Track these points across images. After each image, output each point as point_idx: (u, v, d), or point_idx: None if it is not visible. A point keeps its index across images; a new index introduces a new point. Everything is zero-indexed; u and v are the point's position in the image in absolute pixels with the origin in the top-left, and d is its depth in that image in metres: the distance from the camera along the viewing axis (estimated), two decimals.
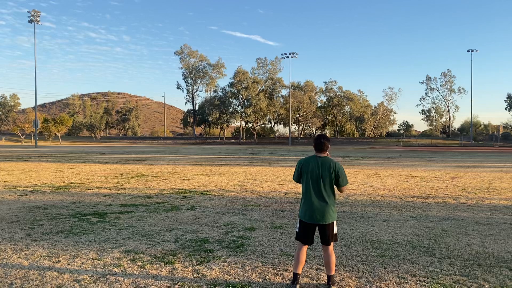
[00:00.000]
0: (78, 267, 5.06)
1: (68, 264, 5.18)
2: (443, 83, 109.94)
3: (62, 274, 4.79)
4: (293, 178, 4.70)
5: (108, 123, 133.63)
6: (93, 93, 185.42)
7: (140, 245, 6.06)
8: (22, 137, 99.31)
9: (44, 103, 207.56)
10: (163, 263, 5.19)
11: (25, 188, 12.67)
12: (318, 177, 4.39)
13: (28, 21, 66.67)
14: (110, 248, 5.89)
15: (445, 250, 5.84)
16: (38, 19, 66.78)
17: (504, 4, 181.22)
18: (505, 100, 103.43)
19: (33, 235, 6.65)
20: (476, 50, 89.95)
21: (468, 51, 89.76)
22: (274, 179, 15.47)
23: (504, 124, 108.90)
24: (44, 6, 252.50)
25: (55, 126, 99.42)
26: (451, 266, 5.15)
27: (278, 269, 5.02)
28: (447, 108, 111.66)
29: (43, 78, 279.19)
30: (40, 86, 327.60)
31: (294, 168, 4.64)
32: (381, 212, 8.83)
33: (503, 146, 73.60)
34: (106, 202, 10.11)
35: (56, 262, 5.23)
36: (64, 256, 5.48)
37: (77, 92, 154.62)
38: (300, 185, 4.59)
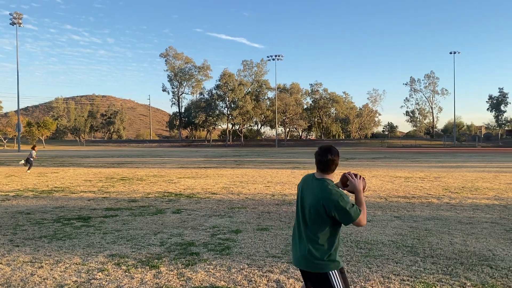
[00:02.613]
0: (61, 272, 5.00)
1: (51, 269, 5.11)
2: (427, 84, 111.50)
3: (45, 280, 4.73)
4: None
5: (93, 126, 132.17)
6: (77, 96, 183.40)
7: (125, 249, 6.02)
8: (5, 141, 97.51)
9: (27, 106, 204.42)
10: (148, 267, 5.16)
11: (7, 193, 12.46)
12: (300, 207, 3.14)
13: (10, 24, 65.44)
14: (94, 252, 5.84)
15: (428, 250, 5.92)
16: (20, 21, 65.68)
17: (484, 7, 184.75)
18: (486, 101, 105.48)
19: (15, 240, 6.54)
20: (458, 52, 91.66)
21: (450, 53, 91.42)
22: (261, 181, 15.48)
23: (486, 124, 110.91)
24: (25, 8, 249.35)
25: (38, 130, 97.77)
26: (434, 265, 5.23)
27: (264, 270, 5.04)
28: (430, 109, 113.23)
29: (25, 81, 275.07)
30: (22, 89, 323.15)
31: (283, 171, 4.21)
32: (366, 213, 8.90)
33: (485, 147, 74.87)
34: (91, 206, 10.01)
35: (39, 268, 5.16)
36: (47, 261, 5.41)
37: (61, 95, 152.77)
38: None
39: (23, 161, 22.11)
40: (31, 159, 21.77)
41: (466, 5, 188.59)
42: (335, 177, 3.08)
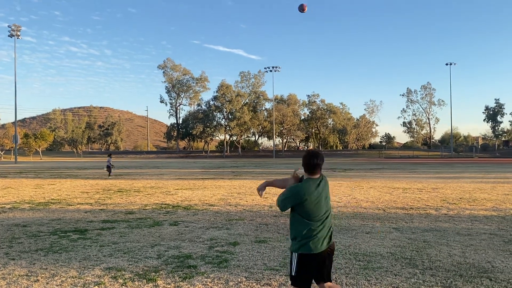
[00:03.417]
0: (57, 285, 4.95)
1: (47, 283, 5.06)
2: (423, 95, 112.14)
3: None
4: None
5: (90, 137, 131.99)
6: (75, 108, 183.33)
7: (121, 262, 5.96)
8: (2, 153, 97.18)
9: (25, 118, 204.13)
10: (145, 280, 5.11)
11: (3, 205, 12.37)
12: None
13: (8, 36, 65.81)
14: (91, 265, 5.78)
15: (427, 261, 5.89)
16: (18, 33, 66.01)
17: (480, 19, 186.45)
18: (483, 112, 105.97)
19: (11, 253, 6.48)
20: (454, 63, 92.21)
21: (446, 64, 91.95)
22: None
23: (483, 135, 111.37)
24: (24, 21, 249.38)
25: (35, 142, 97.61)
26: (433, 277, 5.20)
27: (262, 284, 4.99)
28: (427, 120, 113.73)
29: (23, 92, 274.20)
30: (20, 100, 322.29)
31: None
32: (364, 224, 8.88)
33: (482, 157, 75.03)
34: (88, 218, 9.94)
35: (35, 282, 5.10)
36: (43, 275, 5.36)
37: (59, 106, 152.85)
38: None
39: (105, 168, 25.69)
40: (110, 165, 25.27)
41: (462, 16, 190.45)
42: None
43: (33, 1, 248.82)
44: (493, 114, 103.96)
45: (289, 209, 3.59)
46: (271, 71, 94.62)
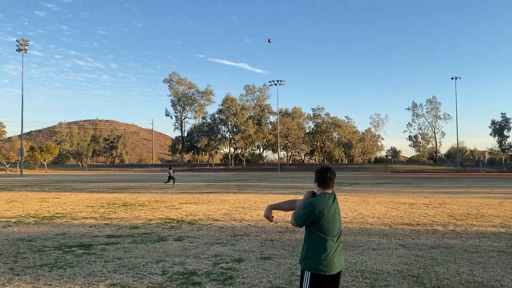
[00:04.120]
0: None
1: None
2: (429, 109, 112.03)
3: None
4: None
5: (95, 150, 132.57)
6: (80, 121, 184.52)
7: (126, 278, 5.93)
8: (7, 166, 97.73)
9: (31, 131, 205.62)
10: None
11: (8, 219, 12.38)
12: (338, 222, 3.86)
13: (16, 50, 66.67)
14: (95, 281, 5.75)
15: (434, 279, 5.81)
16: (26, 47, 66.87)
17: (485, 33, 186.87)
18: (489, 126, 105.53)
19: (15, 269, 6.46)
20: (460, 78, 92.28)
21: (452, 78, 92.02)
22: (263, 207, 15.36)
23: (489, 149, 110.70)
24: (32, 35, 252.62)
25: (41, 155, 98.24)
26: None
27: None
28: (433, 134, 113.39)
29: (29, 106, 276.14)
30: (26, 114, 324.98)
31: (285, 196, 4.27)
32: (371, 241, 8.80)
33: (489, 172, 74.49)
34: (92, 233, 9.93)
35: None
36: None
37: (64, 120, 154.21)
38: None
39: (165, 184, 29.89)
40: (173, 176, 29.96)
41: (467, 31, 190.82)
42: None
43: (40, 16, 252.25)
44: (499, 129, 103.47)
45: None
46: (275, 84, 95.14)
